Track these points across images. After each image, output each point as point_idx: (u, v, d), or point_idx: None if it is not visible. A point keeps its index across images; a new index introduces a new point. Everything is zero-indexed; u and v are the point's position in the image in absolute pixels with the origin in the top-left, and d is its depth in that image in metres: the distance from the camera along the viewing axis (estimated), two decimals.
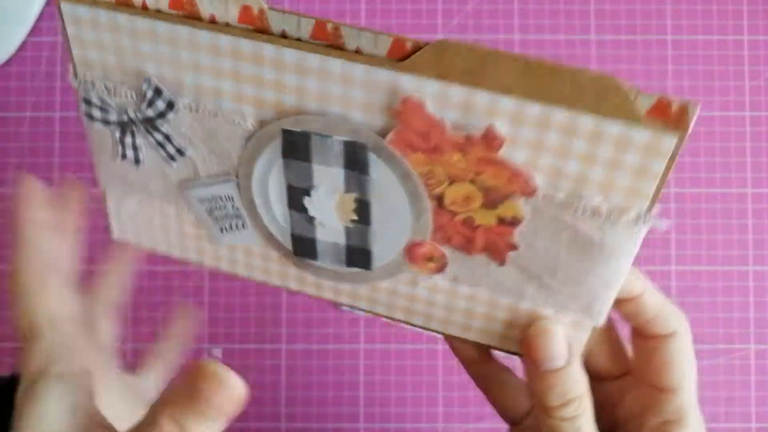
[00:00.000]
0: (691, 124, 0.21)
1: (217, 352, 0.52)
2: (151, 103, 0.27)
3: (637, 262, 0.54)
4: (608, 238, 0.25)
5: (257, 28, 0.24)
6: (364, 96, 0.24)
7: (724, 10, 0.52)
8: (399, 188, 0.26)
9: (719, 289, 0.52)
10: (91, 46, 0.27)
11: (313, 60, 0.24)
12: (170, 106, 0.27)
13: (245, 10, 0.24)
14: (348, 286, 0.30)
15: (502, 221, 0.25)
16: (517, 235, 0.25)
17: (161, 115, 0.28)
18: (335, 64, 0.23)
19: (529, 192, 0.24)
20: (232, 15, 0.24)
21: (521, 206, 0.25)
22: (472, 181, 0.25)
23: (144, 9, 0.25)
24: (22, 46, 0.52)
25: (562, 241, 0.25)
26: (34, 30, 0.52)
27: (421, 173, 0.25)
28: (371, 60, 0.23)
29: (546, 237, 0.25)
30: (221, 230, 0.31)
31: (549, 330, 0.27)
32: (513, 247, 0.26)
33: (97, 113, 0.29)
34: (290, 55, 0.24)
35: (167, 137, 0.28)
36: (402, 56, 0.23)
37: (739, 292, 0.52)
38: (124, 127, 0.29)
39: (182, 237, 0.32)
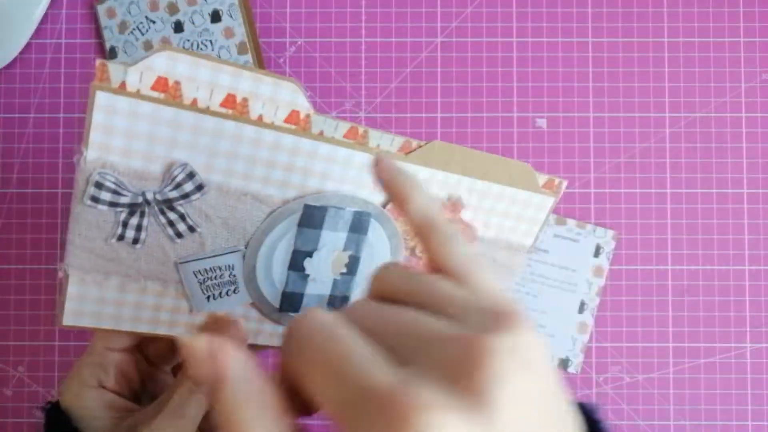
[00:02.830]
0: (561, 192, 0.36)
1: None
2: (177, 186, 0.29)
3: (634, 262, 0.54)
4: (512, 262, 0.37)
5: (300, 128, 0.30)
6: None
7: (720, 12, 0.53)
8: (386, 243, 0.34)
9: (715, 289, 0.52)
10: (119, 133, 0.28)
11: (343, 153, 0.31)
12: (199, 188, 0.30)
13: (293, 113, 0.29)
14: None
15: None
16: None
17: (185, 196, 0.30)
18: (359, 156, 0.31)
19: (472, 239, 0.35)
20: (280, 116, 0.29)
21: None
22: None
23: (193, 105, 0.28)
24: (26, 48, 0.52)
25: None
26: (38, 32, 0.52)
27: (404, 231, 0.34)
28: (384, 154, 0.31)
29: None
30: (208, 299, 0.33)
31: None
32: None
33: (105, 196, 0.29)
34: (325, 148, 0.30)
35: (182, 216, 0.30)
36: (408, 151, 0.32)
37: (735, 291, 0.52)
38: (135, 208, 0.30)
39: (157, 312, 0.33)
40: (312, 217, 0.32)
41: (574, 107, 0.52)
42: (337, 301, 0.34)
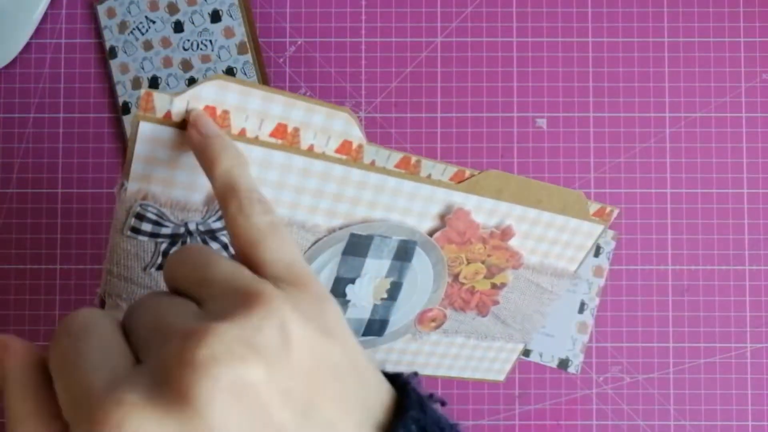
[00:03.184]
0: (612, 219, 0.36)
1: None
2: (221, 217, 0.28)
3: (634, 262, 0.54)
4: (556, 288, 0.37)
5: (351, 158, 0.29)
6: (423, 206, 0.31)
7: (720, 13, 0.53)
8: (430, 271, 0.34)
9: (715, 289, 0.52)
10: (162, 164, 0.27)
11: (392, 182, 0.30)
12: None
13: (345, 143, 0.29)
14: None
15: (494, 286, 0.36)
16: (501, 294, 0.36)
17: None
18: (408, 185, 0.31)
19: (518, 266, 0.35)
20: (331, 146, 0.29)
21: (510, 275, 0.35)
22: (483, 261, 0.34)
23: (241, 135, 0.27)
24: (26, 48, 0.52)
25: (528, 294, 0.36)
26: (38, 32, 0.52)
27: (449, 258, 0.34)
28: (436, 183, 0.31)
29: (518, 291, 0.36)
30: None
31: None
32: (496, 303, 0.36)
33: (146, 227, 0.28)
34: (374, 178, 0.30)
35: (225, 246, 0.30)
36: (461, 180, 0.31)
37: (735, 291, 0.52)
38: (176, 239, 0.29)
39: None
40: (357, 246, 0.31)
41: (574, 107, 0.52)
42: (375, 324, 0.34)
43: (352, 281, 0.32)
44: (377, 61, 0.52)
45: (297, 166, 0.28)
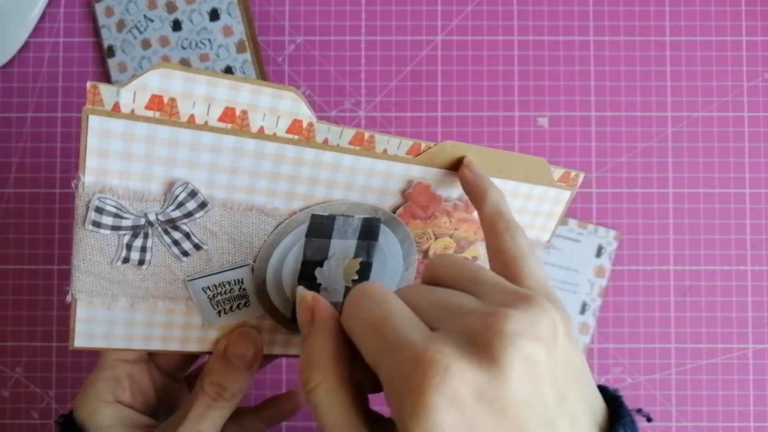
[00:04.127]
0: (578, 185, 0.35)
1: None
2: (179, 205, 0.29)
3: (636, 262, 0.54)
4: None
5: (303, 137, 0.29)
6: (382, 183, 0.31)
7: (722, 11, 0.53)
8: (398, 248, 0.33)
9: (717, 289, 0.52)
10: (115, 156, 0.27)
11: (348, 159, 0.30)
12: (202, 206, 0.29)
13: (295, 123, 0.29)
14: None
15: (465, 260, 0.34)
16: None
17: (188, 215, 0.29)
18: (364, 162, 0.30)
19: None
20: (281, 127, 0.28)
21: (480, 248, 0.35)
22: (451, 236, 0.34)
23: (190, 122, 0.27)
24: (24, 47, 0.52)
25: None
26: (36, 31, 0.52)
27: (416, 234, 0.33)
28: (393, 158, 0.30)
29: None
30: (219, 313, 0.32)
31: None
32: None
33: (107, 220, 0.28)
34: (329, 156, 0.29)
35: (187, 235, 0.30)
36: (417, 154, 0.31)
37: (738, 291, 0.52)
38: (138, 230, 0.29)
39: (168, 329, 0.32)
40: (320, 227, 0.31)
41: (575, 106, 0.52)
42: None
43: (320, 264, 0.32)
44: (377, 59, 0.52)
45: (249, 149, 0.28)
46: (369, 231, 0.32)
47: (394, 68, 0.52)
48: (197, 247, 0.30)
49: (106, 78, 0.52)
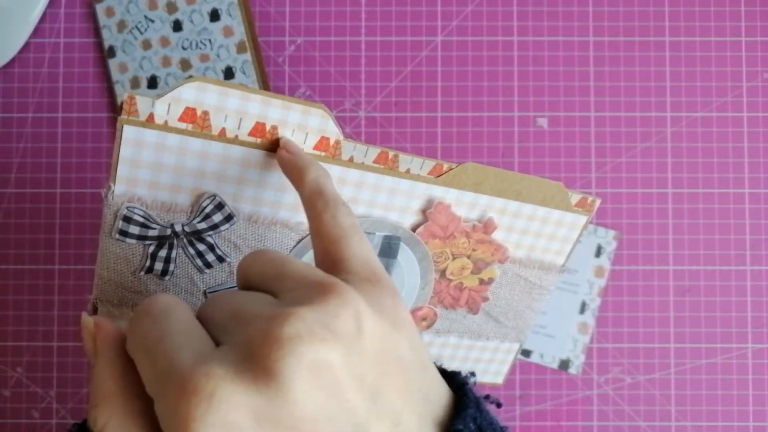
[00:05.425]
0: (595, 210, 0.36)
1: None
2: (206, 217, 0.29)
3: (635, 262, 0.54)
4: (545, 282, 0.37)
5: (329, 155, 0.29)
6: (404, 201, 0.32)
7: (721, 12, 0.53)
8: (416, 267, 0.34)
9: (717, 289, 0.52)
10: (146, 166, 0.28)
11: (371, 177, 0.31)
12: (228, 218, 0.29)
13: (322, 140, 0.29)
14: None
15: (482, 281, 0.35)
16: (490, 289, 0.36)
17: (214, 227, 0.29)
18: (387, 180, 0.31)
19: (504, 260, 0.35)
20: (309, 143, 0.29)
21: (497, 270, 0.35)
22: (468, 256, 0.34)
23: (221, 135, 0.28)
24: (25, 48, 0.52)
25: (517, 289, 0.36)
26: (37, 31, 0.52)
27: (434, 254, 0.33)
28: (416, 177, 0.31)
29: (507, 287, 0.36)
30: None
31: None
32: (486, 299, 0.36)
33: (134, 230, 0.29)
34: (353, 174, 0.30)
35: (211, 247, 0.30)
36: (439, 174, 0.32)
37: (737, 291, 0.52)
38: (163, 241, 0.29)
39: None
40: None
41: (575, 106, 0.52)
42: None
43: None
44: (377, 60, 0.52)
45: (277, 164, 0.29)
46: (389, 248, 0.33)
47: (394, 69, 0.52)
48: (220, 259, 0.30)
49: (107, 78, 0.52)
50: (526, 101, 0.52)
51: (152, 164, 0.28)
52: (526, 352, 0.52)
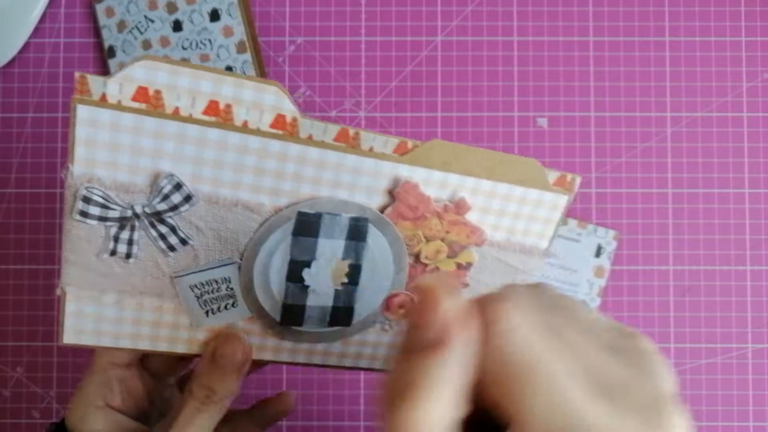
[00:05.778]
0: (576, 189, 0.33)
1: None
2: (165, 198, 0.29)
3: (635, 262, 0.54)
4: (528, 266, 0.35)
5: (287, 133, 0.29)
6: (370, 181, 0.31)
7: (721, 12, 0.53)
8: (388, 251, 0.32)
9: (717, 289, 0.52)
10: (103, 146, 0.28)
11: (333, 156, 0.30)
12: (187, 199, 0.29)
13: (278, 117, 0.29)
14: (322, 346, 0.34)
15: (459, 266, 0.34)
16: (468, 275, 0.34)
17: (174, 208, 0.29)
18: (350, 159, 0.30)
19: (481, 242, 0.33)
20: (265, 121, 0.29)
21: (474, 253, 0.33)
22: (443, 239, 0.33)
23: (175, 114, 0.28)
24: (25, 48, 0.52)
25: (497, 274, 0.34)
26: (37, 31, 0.52)
27: (406, 236, 0.32)
28: (380, 156, 0.30)
29: (487, 272, 0.34)
30: (207, 313, 0.32)
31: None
32: (465, 285, 0.34)
33: (95, 211, 0.29)
34: (314, 153, 0.29)
35: (173, 228, 0.30)
36: (404, 152, 0.30)
37: (737, 291, 0.52)
38: (125, 222, 0.29)
39: (156, 328, 0.32)
40: (307, 226, 0.31)
41: (575, 106, 0.52)
42: (341, 313, 0.33)
43: (308, 264, 0.32)
44: (377, 60, 0.52)
45: (233, 143, 0.29)
46: (357, 231, 0.32)
47: (394, 69, 0.52)
48: (183, 242, 0.30)
49: None
50: (526, 101, 0.52)
51: (109, 144, 0.28)
52: None
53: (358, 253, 0.32)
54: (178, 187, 0.29)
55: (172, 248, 0.30)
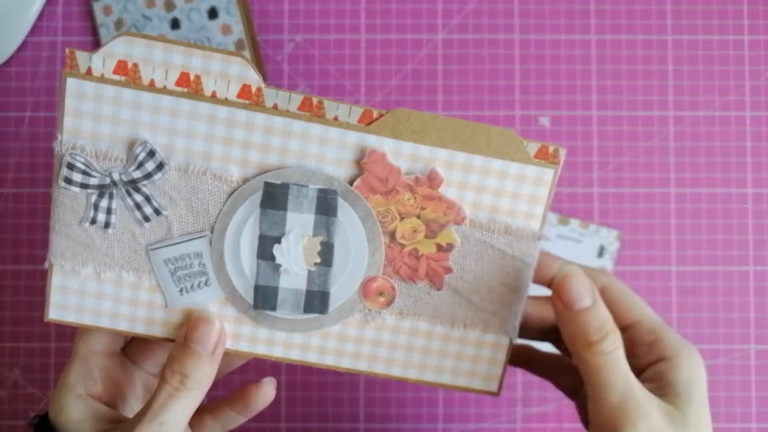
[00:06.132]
0: (562, 162, 0.32)
1: None
2: (140, 165, 0.31)
3: (638, 262, 0.54)
4: (517, 250, 0.33)
5: (253, 102, 0.31)
6: (337, 152, 0.31)
7: (724, 10, 0.52)
8: (360, 227, 0.32)
9: (719, 290, 0.52)
10: (88, 116, 0.31)
11: (298, 126, 0.31)
12: (160, 167, 0.31)
13: (244, 87, 0.30)
14: (300, 337, 0.33)
15: (440, 248, 0.32)
16: (452, 259, 0.33)
17: (148, 176, 0.31)
18: (316, 129, 0.31)
19: (460, 220, 0.32)
20: (232, 91, 0.31)
21: (454, 233, 0.32)
22: (418, 216, 0.32)
23: (151, 86, 0.30)
24: (22, 46, 0.52)
25: (485, 259, 0.33)
26: (34, 30, 0.52)
27: (379, 212, 0.32)
28: (345, 125, 0.31)
29: (472, 257, 0.33)
30: (181, 291, 0.33)
31: (576, 272, 0.31)
32: (448, 270, 0.33)
33: (77, 177, 0.31)
34: (279, 122, 0.31)
35: (147, 198, 0.32)
36: (369, 122, 0.31)
37: (740, 292, 0.52)
38: (104, 190, 0.31)
39: (134, 307, 0.33)
40: (274, 197, 0.31)
41: (577, 106, 0.52)
42: (315, 297, 0.33)
43: (278, 240, 0.32)
44: (377, 58, 0.52)
45: (203, 113, 0.31)
46: (326, 204, 0.32)
47: (394, 67, 0.52)
48: (157, 212, 0.32)
49: None
50: (528, 100, 0.52)
51: (93, 115, 0.31)
52: None
53: (329, 230, 0.32)
54: (151, 154, 0.31)
55: (147, 218, 0.32)
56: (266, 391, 0.36)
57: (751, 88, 0.52)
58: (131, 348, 0.37)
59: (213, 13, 0.51)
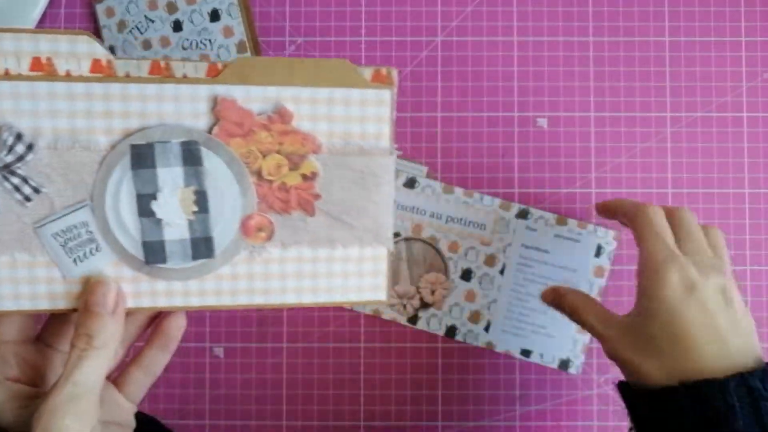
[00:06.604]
0: (396, 82, 0.35)
1: (219, 351, 0.52)
2: (10, 149, 0.32)
3: (635, 262, 0.54)
4: (375, 168, 0.35)
5: (106, 75, 0.32)
6: (192, 107, 0.33)
7: (721, 12, 0.53)
8: (227, 172, 0.34)
9: None
10: None
11: (151, 89, 0.33)
12: (30, 147, 0.32)
13: (95, 62, 0.32)
14: (195, 284, 0.35)
15: (305, 177, 0.35)
16: (318, 186, 0.35)
17: (20, 158, 0.32)
18: (168, 89, 0.33)
19: (317, 149, 0.35)
20: (84, 68, 0.32)
21: (314, 162, 0.35)
22: (279, 152, 0.34)
23: (7, 75, 0.32)
24: None
25: (347, 180, 0.35)
26: None
27: (241, 154, 0.34)
28: (194, 80, 0.33)
29: (336, 181, 0.35)
30: (75, 261, 0.34)
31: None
32: (317, 196, 0.35)
33: None
34: (133, 88, 0.33)
35: (24, 179, 0.32)
36: (216, 74, 0.33)
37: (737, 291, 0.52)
38: None
39: (34, 284, 0.34)
40: (142, 157, 0.33)
41: (575, 107, 0.52)
42: (200, 244, 0.34)
43: (154, 196, 0.33)
44: (377, 60, 0.52)
45: (61, 92, 0.32)
46: (191, 155, 0.33)
47: None
48: (36, 190, 0.33)
49: None
50: (526, 101, 0.52)
51: None
52: (526, 352, 0.52)
53: (198, 179, 0.34)
54: (19, 137, 0.32)
55: (27, 198, 0.33)
56: (177, 318, 0.38)
57: (748, 89, 0.52)
58: (46, 333, 0.37)
59: (215, 15, 0.51)
